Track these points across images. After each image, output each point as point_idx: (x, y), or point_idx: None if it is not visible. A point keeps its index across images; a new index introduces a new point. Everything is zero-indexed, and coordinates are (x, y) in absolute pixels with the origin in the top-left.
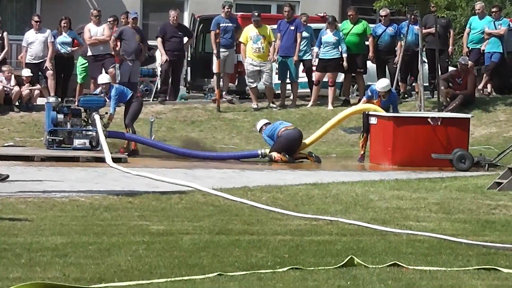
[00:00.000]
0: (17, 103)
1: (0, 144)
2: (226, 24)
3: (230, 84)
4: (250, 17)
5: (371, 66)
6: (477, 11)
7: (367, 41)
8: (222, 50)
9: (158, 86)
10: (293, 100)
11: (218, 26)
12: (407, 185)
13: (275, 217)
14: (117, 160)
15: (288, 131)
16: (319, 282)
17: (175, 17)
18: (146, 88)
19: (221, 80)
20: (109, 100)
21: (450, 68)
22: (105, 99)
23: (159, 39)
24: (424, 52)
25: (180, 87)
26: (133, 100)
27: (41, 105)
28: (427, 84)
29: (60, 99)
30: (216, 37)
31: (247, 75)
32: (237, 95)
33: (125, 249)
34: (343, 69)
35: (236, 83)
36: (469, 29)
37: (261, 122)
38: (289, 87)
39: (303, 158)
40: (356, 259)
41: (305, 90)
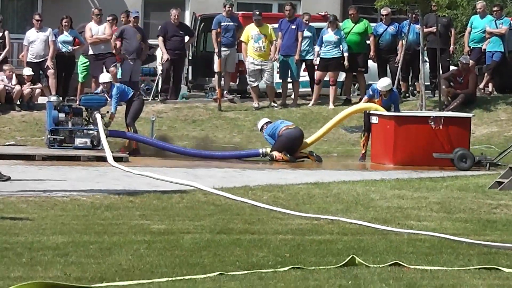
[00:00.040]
0: (18, 102)
1: (1, 143)
2: (227, 23)
3: (231, 83)
4: (251, 16)
5: (372, 65)
6: (478, 10)
7: (368, 40)
8: (223, 49)
9: (159, 85)
10: (294, 99)
11: (219, 25)
12: (408, 185)
13: (276, 216)
14: (118, 159)
15: (289, 130)
16: (320, 282)
17: (176, 16)
18: (147, 87)
19: (222, 79)
20: (110, 99)
21: (451, 67)
22: (106, 98)
23: (160, 38)
24: (425, 51)
25: (181, 86)
26: (134, 99)
27: (42, 104)
28: (428, 83)
29: (61, 98)
30: (217, 36)
31: (248, 74)
32: (238, 94)
33: (126, 248)
34: (344, 68)
35: (237, 82)
36: (470, 28)
37: (262, 121)
38: (291, 86)
39: (304, 157)
40: (357, 259)
41: (306, 89)
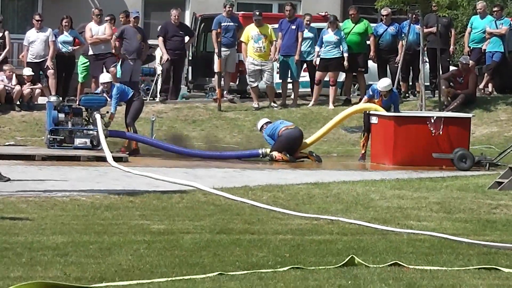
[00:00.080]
0: (18, 102)
1: (1, 143)
2: (227, 23)
3: (231, 83)
4: (251, 16)
5: (372, 65)
6: (478, 10)
7: (369, 40)
8: (223, 49)
9: (158, 85)
10: (294, 99)
11: (219, 25)
12: (408, 185)
13: (276, 216)
14: (118, 159)
15: (288, 130)
16: (320, 282)
17: (176, 16)
18: (147, 87)
19: (222, 79)
20: (110, 99)
21: (451, 68)
22: (106, 98)
23: (161, 38)
24: (425, 52)
25: (181, 86)
26: (134, 99)
27: (42, 104)
28: (428, 84)
29: (61, 98)
30: (217, 36)
31: (248, 74)
32: (238, 94)
33: (126, 248)
34: (344, 68)
35: (237, 82)
36: (471, 28)
37: (262, 121)
38: (291, 86)
39: (304, 158)
40: (356, 259)
41: (306, 90)
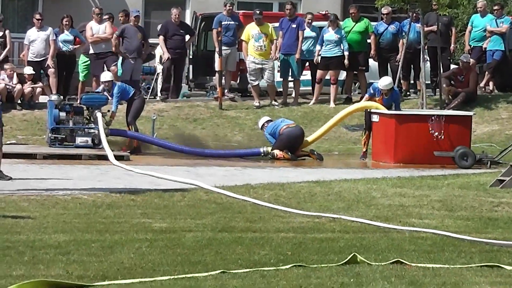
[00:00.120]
0: (19, 101)
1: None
2: (228, 22)
3: (232, 82)
4: (252, 15)
5: (373, 64)
6: (479, 9)
7: (369, 39)
8: (224, 48)
9: (158, 84)
10: (295, 98)
11: (220, 24)
12: (410, 183)
13: (278, 214)
14: (120, 158)
15: (289, 129)
16: (322, 280)
17: (177, 15)
18: (148, 86)
19: (223, 78)
20: (111, 98)
21: (452, 66)
22: (107, 97)
23: (161, 37)
24: (426, 50)
25: (182, 85)
26: (135, 98)
27: (43, 103)
28: (429, 82)
29: (62, 97)
30: (218, 35)
31: (249, 73)
32: (239, 93)
33: (128, 246)
34: (345, 67)
35: (238, 81)
36: (471, 27)
37: (263, 119)
38: (291, 85)
39: (305, 156)
40: (359, 257)
41: (307, 88)
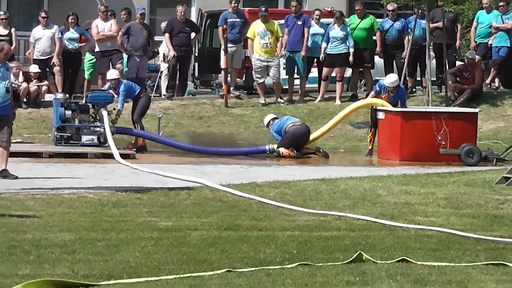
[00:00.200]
0: (25, 99)
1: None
2: (233, 19)
3: (237, 79)
4: (257, 12)
5: (378, 60)
6: (484, 5)
7: (375, 35)
8: (229, 45)
9: (162, 81)
10: (301, 95)
11: (225, 21)
12: (415, 180)
13: (283, 212)
14: (125, 156)
15: (295, 126)
16: (327, 278)
17: (182, 13)
18: (153, 83)
19: (229, 75)
20: (117, 96)
21: (458, 63)
22: (113, 95)
23: (167, 35)
24: (432, 47)
25: (188, 82)
26: (141, 96)
27: (49, 101)
28: (435, 79)
29: (67, 95)
30: (223, 32)
31: (255, 70)
32: (244, 91)
33: (134, 245)
34: (350, 64)
35: (244, 79)
36: (477, 23)
37: (268, 117)
38: (297, 82)
39: (311, 154)
40: (364, 255)
41: (314, 85)
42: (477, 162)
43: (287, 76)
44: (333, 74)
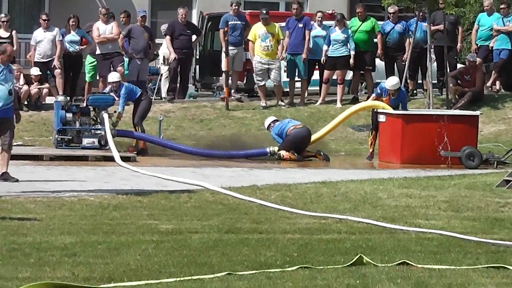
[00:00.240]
0: (26, 102)
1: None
2: (234, 22)
3: (238, 82)
4: (258, 14)
5: (379, 63)
6: (485, 7)
7: (376, 38)
8: (230, 48)
9: (162, 84)
10: (301, 98)
11: (226, 24)
12: (416, 183)
13: (284, 215)
14: (126, 159)
15: (296, 129)
16: (328, 281)
17: (183, 15)
18: (154, 86)
19: (230, 78)
20: (118, 99)
21: (459, 65)
22: (114, 97)
23: (168, 37)
24: (433, 49)
25: (189, 85)
26: (142, 99)
27: (50, 104)
28: (436, 82)
29: (68, 98)
30: (224, 35)
31: (256, 73)
32: (245, 93)
33: (134, 248)
34: (351, 66)
35: (245, 81)
36: (478, 26)
37: (269, 119)
38: (298, 85)
39: (312, 157)
40: (365, 258)
41: (316, 88)
42: (478, 165)
43: (288, 79)
44: (334, 77)
